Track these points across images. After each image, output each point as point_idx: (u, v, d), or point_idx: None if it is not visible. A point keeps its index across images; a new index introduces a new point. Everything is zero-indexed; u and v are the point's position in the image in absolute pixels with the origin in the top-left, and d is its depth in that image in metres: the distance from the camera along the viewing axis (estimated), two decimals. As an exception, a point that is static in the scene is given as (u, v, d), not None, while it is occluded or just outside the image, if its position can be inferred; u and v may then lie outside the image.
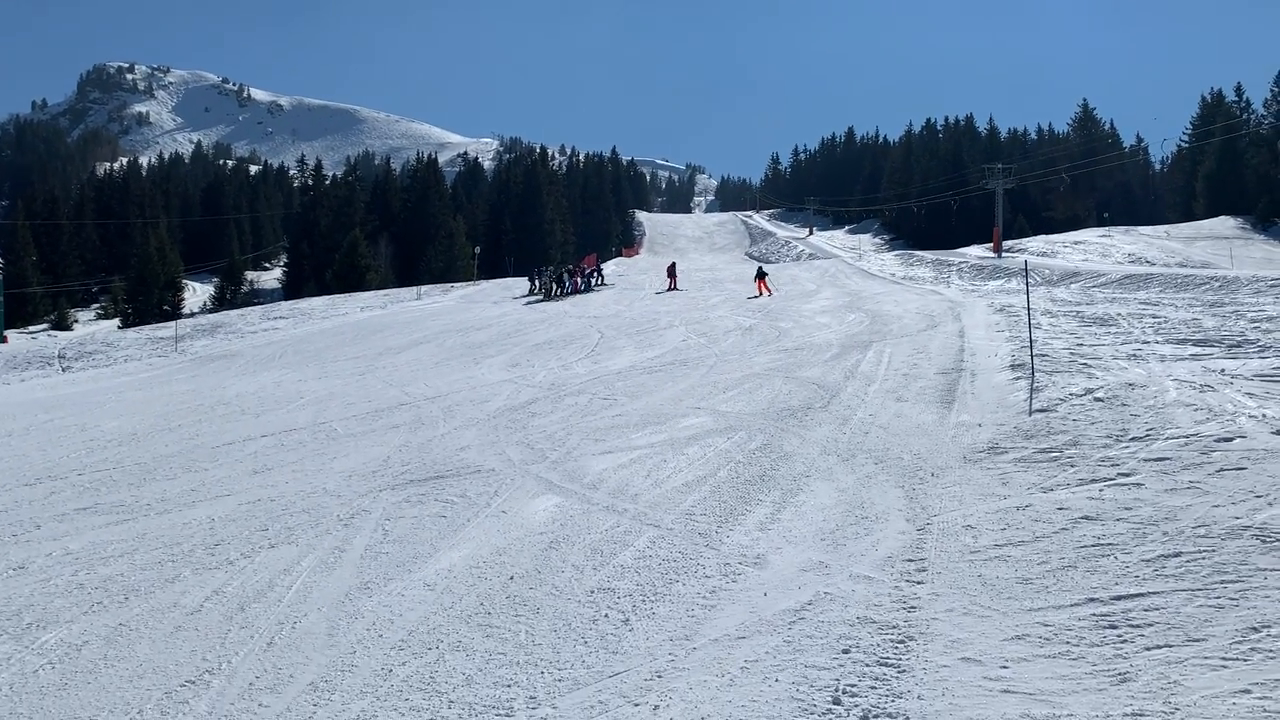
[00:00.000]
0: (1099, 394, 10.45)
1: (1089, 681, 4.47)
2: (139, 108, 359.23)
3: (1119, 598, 5.35)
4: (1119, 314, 17.24)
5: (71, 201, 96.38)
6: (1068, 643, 4.90)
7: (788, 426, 10.84)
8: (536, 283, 40.55)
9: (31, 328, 67.57)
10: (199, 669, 5.45)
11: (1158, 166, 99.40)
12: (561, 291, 38.75)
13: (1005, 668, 4.64)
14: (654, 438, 10.85)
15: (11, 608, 6.64)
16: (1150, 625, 4.96)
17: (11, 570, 7.54)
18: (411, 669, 5.28)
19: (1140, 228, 57.61)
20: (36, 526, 8.89)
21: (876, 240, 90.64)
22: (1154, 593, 5.35)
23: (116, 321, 67.84)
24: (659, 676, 4.91)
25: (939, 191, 78.09)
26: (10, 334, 57.83)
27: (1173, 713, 4.11)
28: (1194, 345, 12.96)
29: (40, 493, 10.39)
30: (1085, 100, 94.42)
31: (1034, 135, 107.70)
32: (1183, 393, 9.91)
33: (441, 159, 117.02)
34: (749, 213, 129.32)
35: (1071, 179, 66.87)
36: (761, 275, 34.02)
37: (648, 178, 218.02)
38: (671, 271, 39.69)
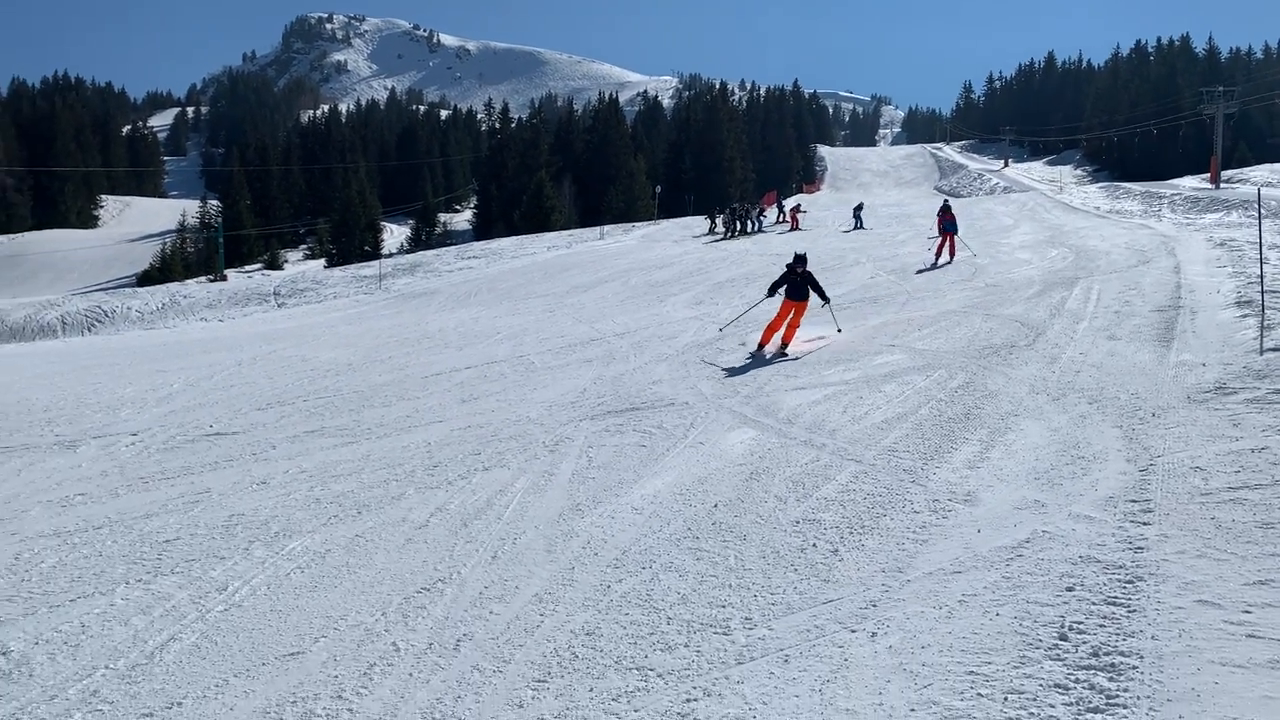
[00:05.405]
0: (1344, 333, 9.60)
1: (1345, 632, 4.18)
2: (337, 56, 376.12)
3: (1377, 547, 4.96)
4: (1364, 247, 15.67)
5: (279, 148, 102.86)
6: (1318, 591, 4.59)
7: (991, 364, 10.48)
8: (716, 220, 40.39)
9: (247, 267, 72.95)
10: (431, 578, 5.84)
11: None
12: (742, 230, 38.47)
13: (1248, 612, 4.39)
14: (847, 375, 10.73)
15: (259, 518, 7.28)
16: None
17: (256, 485, 8.25)
18: (628, 586, 5.49)
19: (1387, 153, 51.86)
20: (272, 447, 9.67)
21: (1078, 172, 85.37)
22: None
23: (323, 261, 72.17)
24: (874, 605, 4.91)
25: (1149, 119, 72.62)
26: (229, 273, 62.54)
27: None
28: None
29: (272, 416, 11.27)
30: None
31: (1260, 54, 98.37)
32: None
33: (622, 98, 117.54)
34: (938, 145, 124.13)
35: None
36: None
37: (830, 111, 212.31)
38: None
